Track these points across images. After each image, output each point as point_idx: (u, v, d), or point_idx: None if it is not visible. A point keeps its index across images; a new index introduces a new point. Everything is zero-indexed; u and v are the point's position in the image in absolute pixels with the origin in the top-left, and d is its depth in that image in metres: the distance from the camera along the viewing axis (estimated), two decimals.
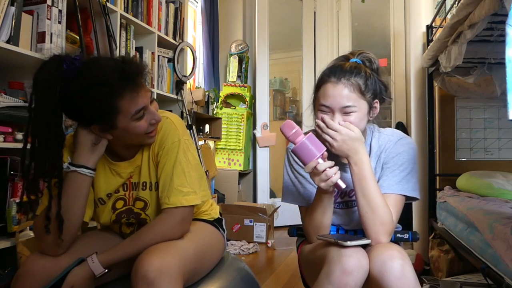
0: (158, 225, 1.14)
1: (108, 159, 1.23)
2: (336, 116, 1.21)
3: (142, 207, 1.24)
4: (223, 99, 4.25)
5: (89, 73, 1.07)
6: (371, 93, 1.24)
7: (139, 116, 1.11)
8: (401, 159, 1.28)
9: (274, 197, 4.38)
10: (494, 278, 1.55)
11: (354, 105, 1.20)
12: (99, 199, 1.25)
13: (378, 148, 1.32)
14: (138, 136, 1.14)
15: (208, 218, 1.36)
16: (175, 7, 3.20)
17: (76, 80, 1.06)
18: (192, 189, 1.17)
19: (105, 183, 1.24)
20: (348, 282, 1.04)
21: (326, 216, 1.24)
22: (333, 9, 4.56)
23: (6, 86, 1.87)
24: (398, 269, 1.04)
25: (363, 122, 1.24)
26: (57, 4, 1.94)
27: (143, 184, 1.23)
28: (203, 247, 1.23)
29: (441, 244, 2.54)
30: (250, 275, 1.42)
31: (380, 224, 1.17)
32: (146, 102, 1.12)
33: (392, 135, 1.33)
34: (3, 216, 1.72)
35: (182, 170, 1.17)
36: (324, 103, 1.22)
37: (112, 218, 1.26)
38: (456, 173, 2.72)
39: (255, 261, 2.98)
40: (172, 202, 1.15)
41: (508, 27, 0.81)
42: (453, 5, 2.28)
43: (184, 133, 1.22)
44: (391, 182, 1.25)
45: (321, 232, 1.24)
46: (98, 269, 1.08)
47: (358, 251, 1.08)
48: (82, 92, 1.06)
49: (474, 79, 2.31)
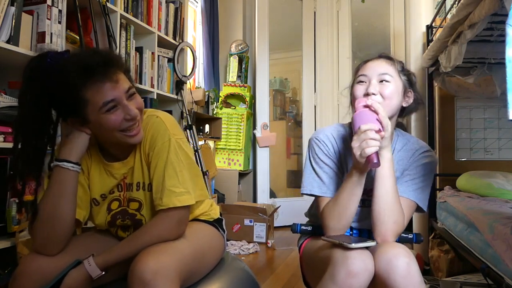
0: (154, 227, 1.14)
1: (103, 160, 1.22)
2: (372, 83, 1.25)
3: (137, 207, 1.23)
4: (223, 99, 4.25)
5: (60, 66, 1.08)
6: (407, 78, 1.30)
7: (108, 109, 1.08)
8: (423, 170, 1.30)
9: (274, 197, 4.38)
10: (494, 278, 1.55)
11: (391, 75, 1.26)
12: (93, 199, 1.25)
13: (404, 154, 1.33)
14: (112, 131, 1.11)
15: (208, 218, 1.35)
16: (175, 7, 3.20)
17: (53, 73, 1.07)
18: (185, 189, 1.16)
19: (99, 183, 1.23)
20: (353, 284, 1.03)
21: (353, 201, 1.20)
22: (333, 9, 4.56)
23: (6, 86, 1.87)
24: (403, 268, 1.04)
25: (395, 100, 1.26)
26: (57, 4, 1.94)
27: (137, 185, 1.22)
28: (201, 247, 1.22)
29: (441, 244, 2.54)
30: (251, 276, 1.41)
31: (393, 223, 1.18)
32: (117, 95, 1.08)
33: (419, 145, 1.35)
34: (3, 216, 1.72)
35: (173, 170, 1.15)
36: (362, 72, 1.28)
37: (108, 220, 1.25)
38: (456, 173, 2.72)
39: (255, 261, 2.98)
40: (164, 203, 1.13)
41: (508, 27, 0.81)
42: (453, 5, 2.27)
43: (175, 132, 1.19)
44: (409, 188, 1.28)
45: (343, 221, 1.22)
46: (95, 271, 1.08)
47: (363, 252, 1.07)
48: (54, 84, 1.07)
49: (474, 79, 2.31)
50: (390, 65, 1.29)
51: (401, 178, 1.30)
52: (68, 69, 1.06)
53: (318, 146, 1.34)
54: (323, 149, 1.33)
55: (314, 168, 1.34)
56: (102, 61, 1.08)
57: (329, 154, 1.33)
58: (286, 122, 4.99)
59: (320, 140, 1.34)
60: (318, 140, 1.34)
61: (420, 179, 1.29)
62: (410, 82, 1.33)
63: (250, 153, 4.41)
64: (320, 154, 1.33)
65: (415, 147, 1.34)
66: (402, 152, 1.34)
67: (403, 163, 1.33)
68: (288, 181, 4.87)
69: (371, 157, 1.10)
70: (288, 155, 4.92)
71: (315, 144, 1.34)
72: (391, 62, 1.30)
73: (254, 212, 3.46)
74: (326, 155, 1.33)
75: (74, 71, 1.05)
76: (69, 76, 1.05)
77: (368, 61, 1.32)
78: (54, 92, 1.08)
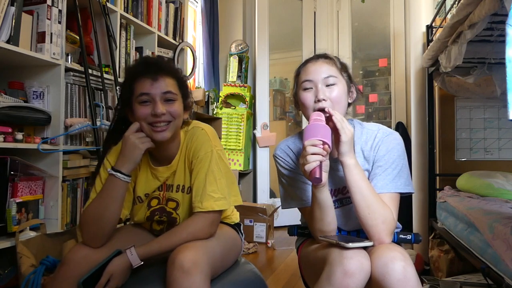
0: (191, 226, 1.26)
1: (151, 164, 1.39)
2: (320, 89, 1.25)
3: (174, 207, 1.38)
4: (223, 99, 4.25)
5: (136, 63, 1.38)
6: (347, 75, 1.30)
7: (142, 100, 1.26)
8: (392, 157, 1.27)
9: (274, 197, 4.38)
10: (494, 278, 1.55)
11: (335, 76, 1.26)
12: (138, 197, 1.40)
13: (363, 143, 1.32)
14: (141, 121, 1.27)
15: (230, 222, 1.50)
16: (175, 7, 3.20)
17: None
18: (222, 195, 1.29)
19: (145, 184, 1.39)
20: (349, 284, 1.04)
21: (326, 212, 1.21)
22: (333, 9, 4.56)
23: (6, 86, 1.87)
24: (400, 271, 1.04)
25: (343, 100, 1.27)
26: (57, 4, 1.94)
27: (177, 187, 1.38)
28: (226, 248, 1.35)
29: (441, 244, 2.54)
30: (260, 278, 1.48)
31: (382, 223, 1.16)
32: (152, 92, 1.25)
33: (377, 131, 1.32)
34: (3, 216, 1.72)
35: (214, 178, 1.29)
36: (306, 78, 1.27)
37: (147, 215, 1.40)
38: (456, 173, 2.72)
39: (255, 261, 2.98)
40: (204, 206, 1.27)
41: (508, 27, 0.81)
42: (453, 5, 2.27)
43: (216, 144, 1.35)
44: (385, 182, 1.25)
45: (325, 230, 1.23)
46: (135, 260, 1.20)
47: (360, 252, 1.07)
48: (124, 75, 1.35)
49: (474, 79, 2.30)
50: (332, 65, 1.28)
51: (374, 172, 1.28)
52: (133, 65, 1.36)
53: (278, 162, 1.38)
54: (283, 164, 1.37)
55: (283, 183, 1.38)
56: (156, 62, 1.30)
57: (290, 167, 1.36)
58: (286, 122, 4.99)
59: (278, 156, 1.39)
60: (277, 156, 1.39)
61: (392, 166, 1.26)
62: (350, 77, 1.32)
63: (250, 153, 4.41)
64: (282, 170, 1.38)
65: (374, 134, 1.31)
66: (362, 142, 1.32)
67: (366, 152, 1.30)
68: None
69: (312, 171, 1.11)
70: None
71: (276, 161, 1.39)
72: (332, 62, 1.29)
73: (254, 212, 3.46)
74: (287, 169, 1.36)
75: (136, 66, 1.32)
76: (130, 69, 1.33)
77: (307, 63, 1.31)
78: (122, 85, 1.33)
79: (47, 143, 1.89)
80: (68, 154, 2.04)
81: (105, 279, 1.18)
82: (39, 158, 1.90)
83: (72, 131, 1.99)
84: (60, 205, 1.95)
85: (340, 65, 1.31)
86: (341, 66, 1.31)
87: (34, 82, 1.93)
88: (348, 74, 1.33)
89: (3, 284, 1.64)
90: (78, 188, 2.09)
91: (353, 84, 1.33)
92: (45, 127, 1.93)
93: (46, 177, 1.93)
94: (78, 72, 2.12)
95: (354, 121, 1.37)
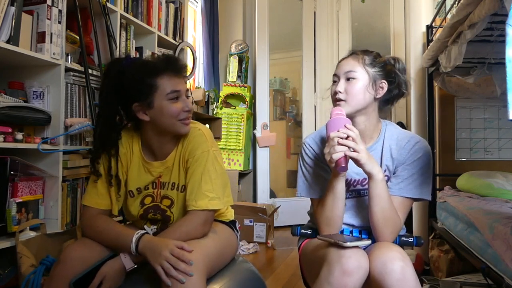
0: (183, 225, 1.27)
1: (144, 158, 1.39)
2: (341, 82, 1.31)
3: (169, 204, 1.38)
4: (223, 99, 4.25)
5: (142, 59, 1.36)
6: (379, 69, 1.31)
7: (174, 97, 1.29)
8: (419, 164, 1.30)
9: (274, 197, 4.38)
10: (494, 278, 1.55)
11: (354, 71, 1.29)
12: (129, 191, 1.40)
13: (395, 146, 1.33)
14: (171, 118, 1.29)
15: (225, 219, 1.49)
16: (175, 7, 3.19)
17: (131, 67, 1.30)
18: (217, 195, 1.31)
19: (137, 177, 1.39)
20: (347, 283, 1.04)
21: (337, 204, 1.24)
22: (333, 9, 4.56)
23: (6, 86, 1.87)
24: (398, 271, 1.05)
25: (361, 95, 1.29)
26: (57, 4, 1.94)
27: (172, 185, 1.38)
28: (222, 246, 1.36)
29: (441, 244, 2.54)
30: (258, 276, 1.48)
31: (391, 233, 1.22)
32: (182, 89, 1.30)
33: (409, 137, 1.35)
34: (3, 216, 1.72)
35: (209, 177, 1.31)
36: (335, 72, 1.35)
37: (140, 213, 1.40)
38: (456, 173, 2.72)
39: (255, 261, 2.97)
40: (199, 205, 1.28)
41: (508, 27, 0.81)
42: (453, 5, 2.27)
43: (213, 144, 1.36)
44: (410, 186, 1.29)
45: (332, 223, 1.26)
46: (129, 263, 1.21)
47: (358, 252, 1.08)
48: (133, 71, 1.28)
49: (474, 79, 2.30)
50: (357, 61, 1.31)
51: (398, 174, 1.30)
52: (151, 60, 1.32)
53: (305, 150, 1.40)
54: (308, 153, 1.39)
55: (302, 171, 1.40)
56: (177, 59, 1.34)
57: (315, 157, 1.38)
58: (286, 122, 4.98)
59: (307, 144, 1.41)
60: (305, 144, 1.41)
61: (419, 173, 1.30)
62: (384, 72, 1.32)
63: (250, 153, 4.41)
64: (306, 158, 1.39)
65: (407, 139, 1.34)
66: (394, 144, 1.34)
67: (395, 157, 1.33)
68: (288, 181, 4.86)
69: (339, 161, 1.16)
70: (288, 155, 4.92)
71: (303, 148, 1.42)
72: (358, 57, 1.32)
73: (254, 212, 3.46)
74: (311, 159, 1.38)
75: (155, 61, 1.31)
76: (149, 64, 1.30)
77: (343, 59, 1.37)
78: (128, 79, 1.28)
79: (47, 143, 1.89)
80: (68, 154, 2.04)
81: (97, 281, 1.18)
82: (39, 158, 1.90)
83: (72, 131, 1.99)
84: (60, 205, 1.95)
85: (370, 61, 1.31)
86: (372, 61, 1.32)
87: (34, 82, 1.93)
88: (383, 68, 1.32)
89: (3, 284, 1.64)
90: (78, 188, 2.09)
91: (386, 80, 1.32)
92: (45, 127, 1.93)
93: (46, 177, 1.93)
94: (78, 72, 2.12)
95: (387, 122, 1.40)
